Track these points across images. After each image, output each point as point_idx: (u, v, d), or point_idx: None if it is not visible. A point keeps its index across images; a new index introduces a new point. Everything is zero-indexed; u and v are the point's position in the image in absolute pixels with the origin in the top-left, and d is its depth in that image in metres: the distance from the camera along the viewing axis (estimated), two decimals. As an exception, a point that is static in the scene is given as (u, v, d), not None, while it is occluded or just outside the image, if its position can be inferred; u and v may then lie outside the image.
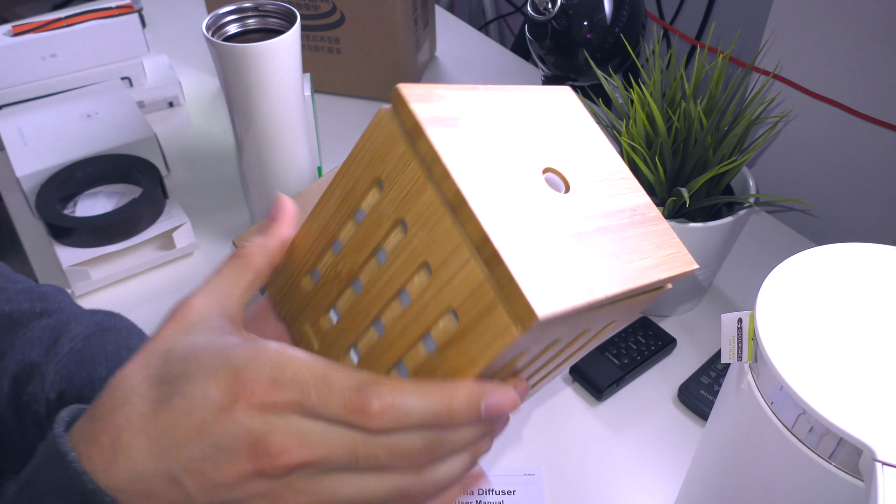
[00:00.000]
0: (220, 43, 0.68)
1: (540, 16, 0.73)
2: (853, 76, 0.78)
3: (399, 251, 0.34)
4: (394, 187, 0.34)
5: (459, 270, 0.32)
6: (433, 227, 0.32)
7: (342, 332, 0.38)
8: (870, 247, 0.43)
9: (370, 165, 0.35)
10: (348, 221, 0.37)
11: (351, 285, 0.37)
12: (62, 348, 0.49)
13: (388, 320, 0.36)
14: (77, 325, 0.51)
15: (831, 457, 0.36)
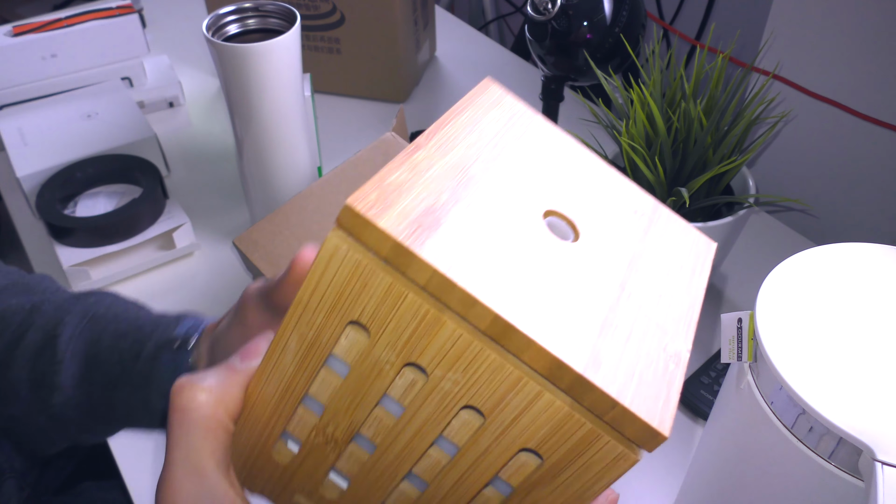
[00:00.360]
0: (221, 43, 0.68)
1: (540, 16, 0.73)
2: (853, 76, 0.78)
3: (423, 398, 0.27)
4: (386, 329, 0.26)
5: (530, 406, 0.26)
6: (470, 365, 0.26)
7: (360, 497, 0.31)
8: (870, 247, 0.43)
9: (336, 309, 0.26)
10: (318, 374, 0.29)
11: (351, 443, 0.30)
12: (61, 354, 0.50)
13: (428, 473, 0.29)
14: (65, 327, 0.51)
15: (831, 457, 0.36)
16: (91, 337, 0.50)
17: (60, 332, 0.50)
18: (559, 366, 0.25)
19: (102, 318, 0.51)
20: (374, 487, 0.31)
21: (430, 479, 0.29)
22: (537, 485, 0.28)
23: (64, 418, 0.50)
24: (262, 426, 0.31)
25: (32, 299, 0.53)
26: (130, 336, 0.50)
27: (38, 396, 0.50)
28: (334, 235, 0.25)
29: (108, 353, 0.49)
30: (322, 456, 0.31)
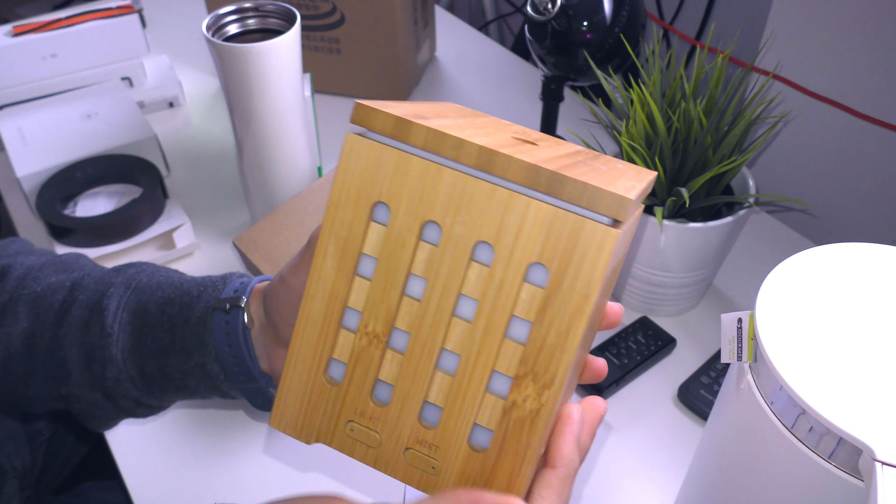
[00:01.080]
0: (221, 43, 0.68)
1: (540, 16, 0.73)
2: (853, 76, 0.78)
3: (441, 258, 0.33)
4: (402, 197, 0.32)
5: (524, 219, 0.31)
6: (471, 202, 0.32)
7: (404, 399, 0.35)
8: (870, 247, 0.43)
9: (361, 196, 0.33)
10: (354, 280, 0.34)
11: (388, 344, 0.35)
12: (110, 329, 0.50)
13: (458, 344, 0.33)
14: (110, 299, 0.50)
15: (831, 457, 0.36)
16: (137, 307, 0.50)
17: (106, 305, 0.49)
18: (535, 170, 0.30)
19: (146, 287, 0.50)
20: (414, 383, 0.34)
21: (461, 349, 0.33)
22: (549, 303, 0.32)
23: (119, 392, 0.50)
24: (313, 354, 0.36)
25: (72, 276, 0.52)
26: (177, 301, 0.49)
27: (90, 372, 0.50)
28: (349, 135, 0.32)
29: (156, 320, 0.49)
30: (368, 362, 0.35)
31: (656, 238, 0.66)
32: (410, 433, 0.35)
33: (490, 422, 0.34)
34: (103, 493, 0.79)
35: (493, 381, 0.33)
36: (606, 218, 0.31)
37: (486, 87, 1.07)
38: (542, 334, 0.32)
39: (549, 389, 0.32)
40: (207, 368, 0.48)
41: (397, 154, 0.32)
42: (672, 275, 0.69)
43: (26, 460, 0.77)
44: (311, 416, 0.37)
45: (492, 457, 0.34)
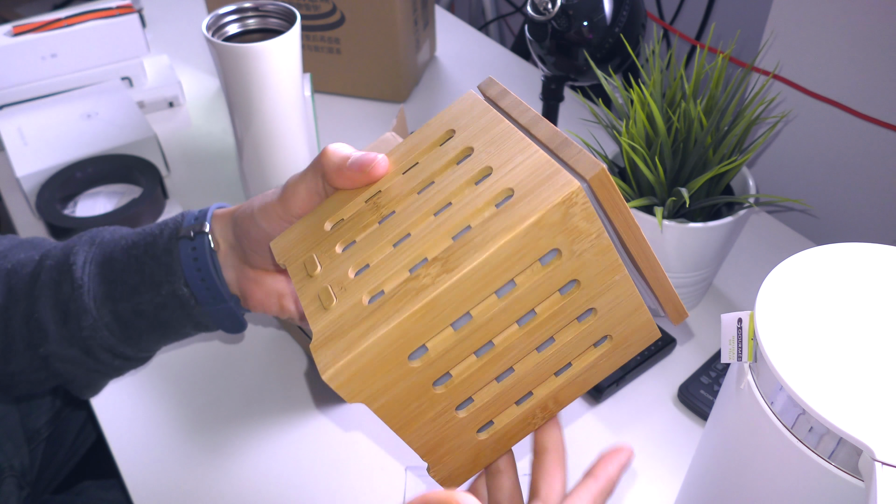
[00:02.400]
0: (221, 43, 0.68)
1: (540, 16, 0.73)
2: (853, 76, 0.78)
3: (458, 169, 0.39)
4: (467, 130, 0.41)
5: (524, 160, 0.37)
6: (503, 142, 0.38)
7: (355, 251, 0.40)
8: (870, 247, 0.43)
9: (445, 124, 0.42)
10: (398, 175, 0.42)
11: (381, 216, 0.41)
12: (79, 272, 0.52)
13: (416, 231, 0.38)
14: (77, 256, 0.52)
15: (831, 457, 0.36)
16: (103, 258, 0.52)
17: (74, 262, 0.51)
18: (556, 133, 0.37)
19: (109, 241, 0.53)
20: (369, 245, 0.40)
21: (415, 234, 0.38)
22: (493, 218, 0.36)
23: (96, 344, 0.52)
24: (334, 208, 0.43)
25: (40, 251, 0.54)
26: (141, 243, 0.52)
27: (66, 328, 0.51)
28: (469, 93, 0.43)
29: (123, 265, 0.51)
30: (359, 222, 0.41)
31: (656, 238, 0.66)
32: (338, 276, 0.39)
33: (390, 287, 0.37)
34: (102, 491, 0.79)
35: (417, 262, 0.37)
36: (581, 179, 0.35)
37: (486, 87, 1.07)
38: (472, 236, 0.36)
39: (447, 274, 0.35)
40: (179, 294, 0.51)
41: (485, 105, 0.41)
42: (672, 275, 0.69)
43: (25, 459, 0.77)
44: (295, 246, 0.43)
45: (369, 311, 0.36)
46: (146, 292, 0.51)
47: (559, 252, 0.35)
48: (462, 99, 0.43)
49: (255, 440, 0.65)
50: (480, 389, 0.39)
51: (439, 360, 0.37)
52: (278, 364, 0.71)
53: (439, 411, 0.39)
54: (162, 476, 0.63)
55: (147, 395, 0.69)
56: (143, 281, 0.51)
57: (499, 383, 0.39)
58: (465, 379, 0.38)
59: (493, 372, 0.39)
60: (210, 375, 0.71)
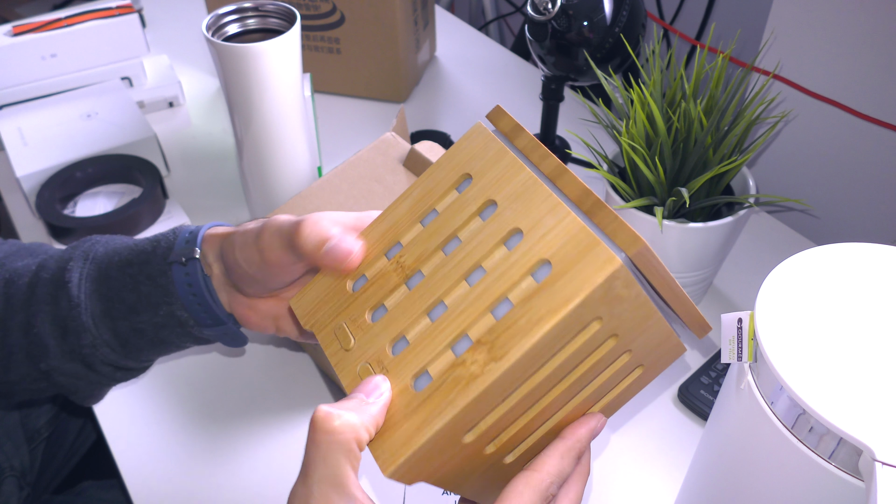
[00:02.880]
0: (220, 43, 0.68)
1: (540, 16, 0.73)
2: (853, 76, 0.78)
3: (482, 229, 0.38)
4: (485, 177, 0.39)
5: (558, 223, 0.36)
6: (528, 197, 0.37)
7: (388, 323, 0.39)
8: (870, 247, 0.43)
9: (459, 166, 0.40)
10: (416, 224, 0.41)
11: (407, 278, 0.40)
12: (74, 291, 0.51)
13: (453, 300, 0.38)
14: (72, 273, 0.52)
15: (831, 457, 0.36)
16: (98, 275, 0.51)
17: (69, 279, 0.51)
18: (587, 192, 0.36)
19: (103, 256, 0.52)
20: (403, 315, 0.39)
21: (452, 305, 0.37)
22: (535, 294, 0.35)
23: (96, 358, 0.52)
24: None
25: (36, 260, 0.54)
26: (135, 261, 0.51)
27: (66, 343, 0.51)
28: (478, 123, 0.41)
29: (119, 284, 0.51)
30: (384, 284, 0.40)
31: (656, 238, 0.66)
32: (375, 351, 0.39)
33: (436, 371, 0.36)
34: (102, 492, 0.79)
35: (459, 340, 0.37)
36: (619, 251, 0.34)
37: (486, 87, 1.07)
38: (516, 317, 0.35)
39: (496, 362, 0.35)
40: (177, 316, 0.50)
41: (498, 147, 0.40)
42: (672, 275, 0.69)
43: (25, 459, 0.77)
44: (319, 308, 0.42)
45: (419, 399, 0.36)
46: (144, 312, 0.50)
47: (600, 318, 0.35)
48: (472, 134, 0.41)
49: (256, 440, 0.65)
50: (531, 436, 0.40)
51: (491, 429, 0.37)
52: (278, 364, 0.71)
53: (491, 464, 0.40)
54: (162, 476, 0.63)
55: (147, 395, 0.69)
56: (140, 301, 0.50)
57: (545, 425, 0.40)
58: (515, 434, 0.39)
59: (539, 422, 0.39)
60: (210, 375, 0.71)
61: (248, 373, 0.71)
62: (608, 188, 0.68)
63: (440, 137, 0.95)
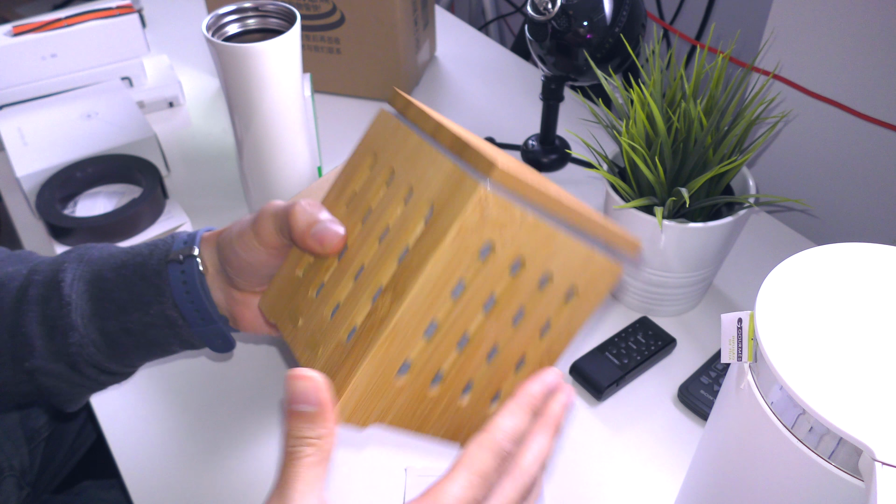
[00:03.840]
0: (220, 43, 0.68)
1: (540, 16, 0.73)
2: (853, 76, 0.79)
3: (388, 195, 0.42)
4: (386, 151, 0.43)
5: (436, 172, 0.39)
6: (417, 157, 0.41)
7: (325, 296, 0.43)
8: (870, 247, 0.43)
9: (368, 149, 0.45)
10: (342, 206, 0.45)
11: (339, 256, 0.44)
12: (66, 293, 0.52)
13: (369, 261, 0.41)
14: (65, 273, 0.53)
15: (831, 457, 0.36)
16: (92, 276, 0.52)
17: (62, 279, 0.52)
18: (457, 139, 0.39)
19: (98, 259, 0.53)
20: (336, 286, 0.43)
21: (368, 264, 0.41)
22: (424, 235, 0.38)
23: (82, 360, 0.52)
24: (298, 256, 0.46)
25: (27, 265, 0.54)
26: (130, 263, 0.52)
27: (53, 343, 0.51)
28: (381, 111, 0.45)
29: (112, 284, 0.51)
30: (322, 266, 0.44)
31: (656, 238, 0.66)
32: (318, 321, 0.42)
33: (359, 321, 0.40)
34: (102, 491, 0.79)
35: (376, 291, 0.40)
36: (486, 180, 0.37)
37: (486, 87, 1.07)
38: (411, 258, 0.38)
39: (398, 300, 0.38)
40: (167, 315, 0.51)
41: (396, 122, 0.43)
42: (672, 275, 0.69)
43: (24, 459, 0.77)
44: (278, 300, 0.47)
45: (347, 349, 0.39)
46: (134, 311, 0.51)
47: (492, 243, 0.38)
48: (377, 119, 0.45)
49: (255, 440, 0.65)
50: (475, 374, 0.42)
51: (425, 367, 0.40)
52: (278, 364, 0.71)
53: (445, 406, 0.42)
54: (162, 476, 0.63)
55: (147, 395, 0.69)
56: (132, 300, 0.51)
57: (490, 362, 0.42)
58: (455, 373, 0.41)
59: (479, 356, 0.42)
60: (210, 375, 0.71)
61: (248, 373, 0.71)
62: (608, 188, 0.68)
63: (440, 137, 0.95)
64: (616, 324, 0.73)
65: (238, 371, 0.71)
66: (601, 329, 0.73)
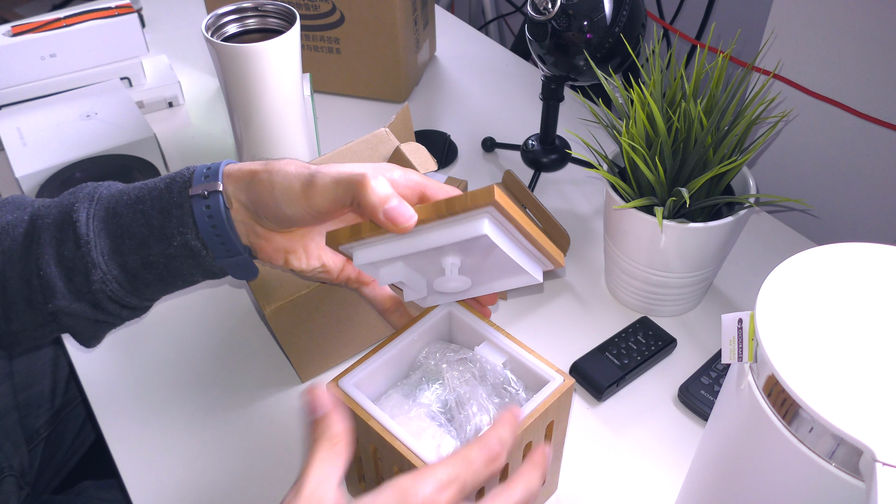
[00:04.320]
0: (220, 43, 0.68)
1: (540, 16, 0.73)
2: (853, 76, 0.78)
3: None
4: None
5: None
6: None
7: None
8: (870, 247, 0.43)
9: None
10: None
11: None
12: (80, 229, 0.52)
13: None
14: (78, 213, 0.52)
15: (831, 457, 0.36)
16: (107, 214, 0.52)
17: (77, 218, 0.51)
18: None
19: (110, 196, 0.53)
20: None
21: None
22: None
23: (105, 297, 0.52)
24: None
25: (27, 211, 0.54)
26: (146, 198, 0.52)
27: (73, 283, 0.51)
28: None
29: (129, 220, 0.51)
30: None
31: (656, 238, 0.66)
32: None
33: None
34: (102, 491, 0.79)
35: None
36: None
37: (486, 87, 1.07)
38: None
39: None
40: (191, 245, 0.51)
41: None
42: (672, 275, 0.69)
43: (24, 459, 0.77)
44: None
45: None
46: (155, 245, 0.51)
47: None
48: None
49: (256, 440, 0.65)
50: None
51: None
52: (279, 365, 0.71)
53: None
54: (162, 476, 0.63)
55: (146, 395, 0.69)
56: (153, 234, 0.51)
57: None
58: None
59: None
60: (210, 376, 0.71)
61: (249, 373, 0.71)
62: (608, 188, 0.68)
63: (440, 137, 0.95)
64: (616, 324, 0.73)
65: (239, 372, 0.71)
66: (601, 329, 0.73)
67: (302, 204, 0.49)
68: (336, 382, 0.51)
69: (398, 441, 0.48)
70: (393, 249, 0.51)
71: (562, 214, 0.85)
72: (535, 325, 0.74)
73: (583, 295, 0.77)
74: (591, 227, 0.84)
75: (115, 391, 0.69)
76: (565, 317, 0.75)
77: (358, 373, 0.52)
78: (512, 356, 0.54)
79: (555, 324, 0.74)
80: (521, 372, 0.54)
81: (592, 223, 0.85)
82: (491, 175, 0.92)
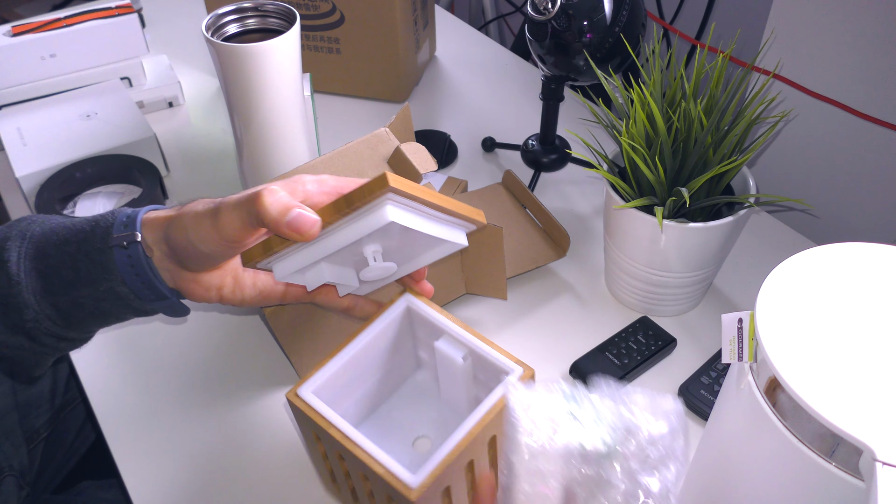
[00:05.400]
0: (220, 43, 0.68)
1: (540, 16, 0.73)
2: (853, 76, 0.79)
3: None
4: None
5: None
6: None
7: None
8: (870, 247, 0.43)
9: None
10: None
11: None
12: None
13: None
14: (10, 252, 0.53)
15: (831, 457, 0.36)
16: (36, 253, 0.53)
17: (8, 258, 0.52)
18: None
19: (40, 235, 0.54)
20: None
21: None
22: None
23: (40, 331, 0.53)
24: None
25: None
26: (72, 240, 0.53)
27: (8, 318, 0.52)
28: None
29: (56, 261, 0.52)
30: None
31: (656, 238, 0.66)
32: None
33: None
34: (102, 491, 0.79)
35: None
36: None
37: (486, 87, 1.07)
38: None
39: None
40: (117, 291, 0.52)
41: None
42: (672, 275, 0.69)
43: (24, 459, 0.77)
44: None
45: None
46: (83, 288, 0.52)
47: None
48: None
49: (256, 440, 0.65)
50: None
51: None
52: (280, 365, 0.71)
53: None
54: (162, 476, 0.63)
55: (146, 395, 0.69)
56: (79, 278, 0.52)
57: None
58: None
59: None
60: (210, 375, 0.71)
61: (249, 373, 0.71)
62: (608, 188, 0.68)
63: (440, 137, 0.95)
64: (616, 324, 0.73)
65: (239, 372, 0.71)
66: (601, 329, 0.73)
67: (214, 238, 0.49)
68: (295, 392, 0.50)
69: (360, 449, 0.47)
70: (309, 256, 0.51)
71: (562, 214, 0.85)
72: (535, 325, 0.74)
73: (583, 295, 0.77)
74: (591, 227, 0.84)
75: (115, 391, 0.69)
76: (565, 317, 0.75)
77: (316, 379, 0.51)
78: (472, 350, 0.53)
79: (555, 324, 0.74)
80: (483, 365, 0.53)
81: (592, 223, 0.85)
82: (491, 175, 0.92)
